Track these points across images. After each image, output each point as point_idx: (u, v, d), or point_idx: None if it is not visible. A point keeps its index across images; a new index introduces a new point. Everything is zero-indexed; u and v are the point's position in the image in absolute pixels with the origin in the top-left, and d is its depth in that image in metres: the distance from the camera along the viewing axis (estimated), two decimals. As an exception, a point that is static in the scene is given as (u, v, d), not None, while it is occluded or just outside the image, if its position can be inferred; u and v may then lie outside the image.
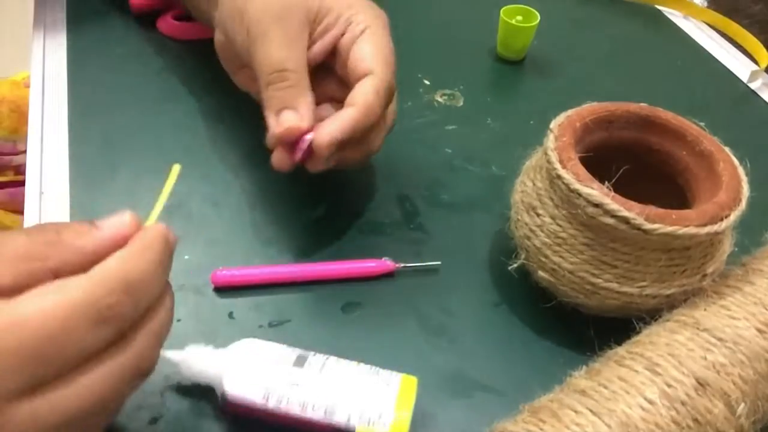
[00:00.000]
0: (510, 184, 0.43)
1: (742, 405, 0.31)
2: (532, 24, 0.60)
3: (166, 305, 0.28)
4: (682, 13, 0.74)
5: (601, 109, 0.40)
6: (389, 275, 0.43)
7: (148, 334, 0.27)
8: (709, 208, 0.35)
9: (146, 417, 0.34)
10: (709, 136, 0.39)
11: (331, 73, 0.42)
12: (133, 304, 0.26)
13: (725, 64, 0.66)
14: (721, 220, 0.35)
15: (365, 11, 0.41)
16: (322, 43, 0.40)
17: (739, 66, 0.66)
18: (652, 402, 0.30)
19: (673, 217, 0.34)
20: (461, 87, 0.59)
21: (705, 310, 0.35)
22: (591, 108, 0.40)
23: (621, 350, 0.34)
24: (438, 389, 0.37)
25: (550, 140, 0.38)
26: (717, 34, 0.71)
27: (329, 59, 0.42)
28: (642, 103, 0.41)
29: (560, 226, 0.37)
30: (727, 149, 0.39)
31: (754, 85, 0.63)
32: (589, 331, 0.37)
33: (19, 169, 0.98)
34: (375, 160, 0.51)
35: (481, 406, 0.36)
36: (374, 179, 0.50)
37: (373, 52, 0.40)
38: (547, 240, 0.38)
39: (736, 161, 0.38)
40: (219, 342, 0.38)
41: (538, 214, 0.38)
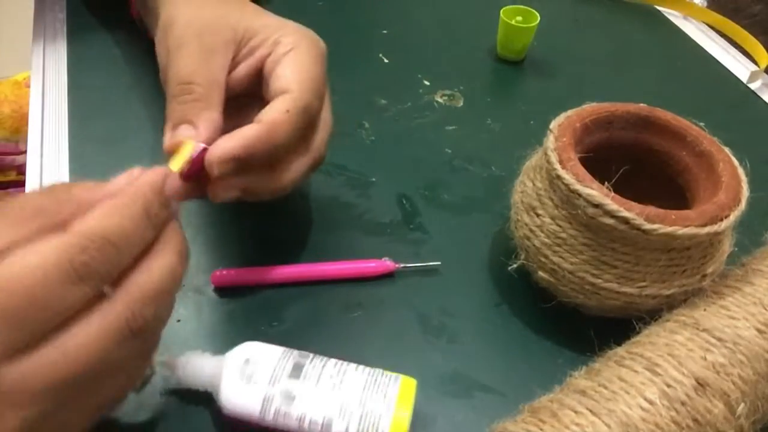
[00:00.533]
0: (510, 185, 0.43)
1: (742, 405, 0.31)
2: (532, 24, 0.61)
3: (162, 260, 0.28)
4: (682, 14, 0.74)
5: (601, 109, 0.40)
6: (389, 275, 0.43)
7: (137, 290, 0.26)
8: (709, 209, 0.35)
9: (144, 421, 0.34)
10: (709, 137, 0.39)
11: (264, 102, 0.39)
12: (111, 260, 0.25)
13: (725, 64, 0.66)
14: (721, 220, 0.35)
15: (294, 33, 0.39)
16: (247, 65, 0.39)
17: (739, 66, 0.66)
18: (651, 402, 0.30)
19: (673, 217, 0.34)
20: (461, 87, 0.59)
21: (705, 310, 0.35)
22: (591, 108, 0.40)
23: (621, 350, 0.34)
24: (438, 389, 0.37)
25: (550, 141, 0.38)
26: (717, 34, 0.71)
27: (258, 86, 0.39)
28: (642, 104, 0.41)
29: (560, 226, 0.37)
30: (727, 149, 0.39)
31: (753, 86, 0.63)
32: (589, 331, 0.37)
33: (22, 169, 0.99)
34: (375, 160, 0.51)
35: (481, 406, 0.36)
36: (374, 179, 0.50)
37: (293, 72, 0.37)
38: (546, 240, 0.38)
39: (735, 161, 0.38)
40: (219, 343, 0.38)
41: (538, 215, 0.38)
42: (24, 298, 0.24)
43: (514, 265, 0.40)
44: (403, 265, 0.43)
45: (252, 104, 0.39)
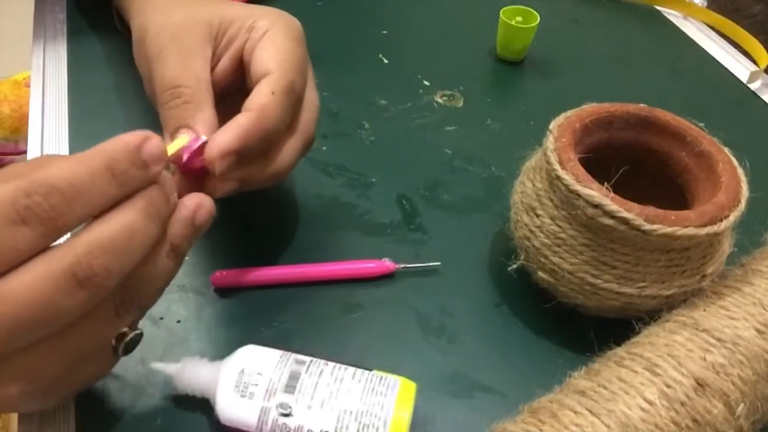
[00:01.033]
0: (509, 185, 0.43)
1: (742, 405, 0.31)
2: (532, 25, 0.61)
3: (122, 215, 0.27)
4: (682, 14, 0.74)
5: (601, 109, 0.40)
6: (389, 276, 0.43)
7: (85, 238, 0.26)
8: (709, 209, 0.35)
9: (144, 421, 0.34)
10: (709, 137, 0.39)
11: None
12: (57, 207, 0.25)
13: (725, 64, 0.66)
14: (721, 220, 0.35)
15: (267, 16, 0.39)
16: (228, 58, 0.38)
17: (739, 67, 0.66)
18: (651, 402, 0.30)
19: (673, 217, 0.34)
20: (461, 88, 0.59)
21: (704, 310, 0.35)
22: (591, 109, 0.40)
23: (620, 351, 0.34)
24: (438, 389, 0.37)
25: (550, 141, 0.38)
26: (717, 34, 0.71)
27: (244, 79, 0.39)
28: (641, 104, 0.41)
29: (560, 226, 0.37)
30: (727, 150, 0.39)
31: (753, 86, 0.63)
32: (589, 331, 0.37)
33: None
34: (375, 161, 0.51)
35: (481, 406, 0.37)
36: (374, 179, 0.50)
37: (271, 53, 0.37)
38: (546, 241, 0.38)
39: (735, 162, 0.38)
40: (219, 344, 0.38)
41: (538, 215, 0.38)
42: None
43: (514, 266, 0.40)
44: (403, 266, 0.43)
45: (242, 100, 0.38)
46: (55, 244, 0.26)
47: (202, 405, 0.34)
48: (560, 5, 0.73)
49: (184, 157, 0.33)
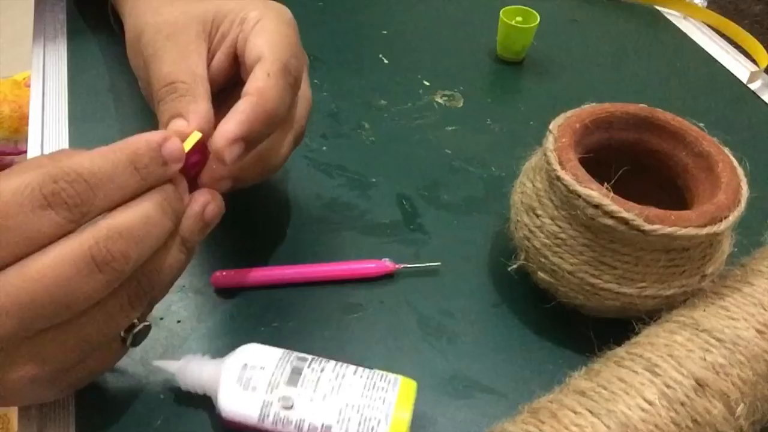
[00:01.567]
0: (509, 185, 0.43)
1: (741, 406, 0.31)
2: (532, 25, 0.61)
3: (139, 205, 0.29)
4: (682, 14, 0.74)
5: (601, 110, 0.40)
6: (389, 276, 0.43)
7: (104, 224, 0.27)
8: (709, 209, 0.35)
9: (144, 421, 0.34)
10: (709, 137, 0.39)
11: None
12: (82, 195, 0.27)
13: (725, 64, 0.66)
14: (721, 220, 0.35)
15: (258, 7, 0.38)
16: (222, 52, 0.38)
17: (739, 66, 0.66)
18: (651, 403, 0.30)
19: (673, 218, 0.34)
20: (461, 88, 0.60)
21: (704, 310, 0.35)
22: (590, 109, 0.40)
23: (620, 351, 0.34)
24: (438, 390, 0.37)
25: (550, 141, 0.38)
26: (717, 34, 0.71)
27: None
28: (641, 104, 0.41)
29: (560, 227, 0.37)
30: (727, 150, 0.39)
31: (753, 86, 0.63)
32: (589, 331, 0.37)
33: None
34: (375, 161, 0.51)
35: (481, 406, 0.37)
36: (374, 180, 0.50)
37: (263, 39, 0.36)
38: (546, 241, 0.38)
39: (735, 162, 0.38)
40: (219, 344, 0.38)
41: (538, 215, 0.38)
42: None
43: (514, 266, 0.40)
44: (403, 266, 0.43)
45: (239, 94, 0.38)
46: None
47: (202, 404, 0.35)
48: (560, 5, 0.73)
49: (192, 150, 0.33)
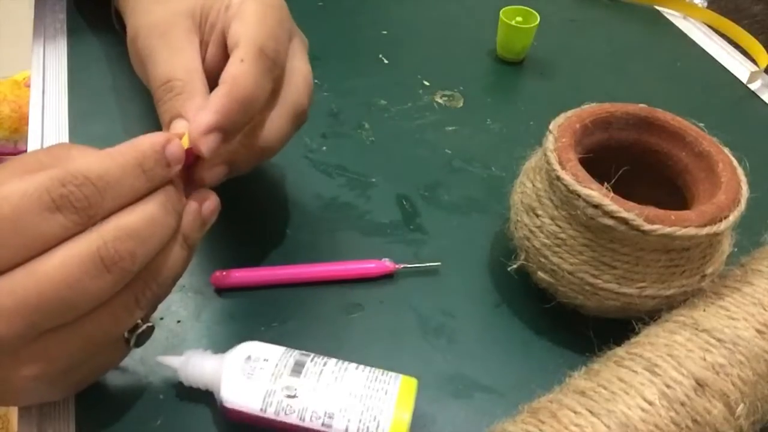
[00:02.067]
0: (509, 185, 0.43)
1: (741, 405, 0.31)
2: (532, 25, 0.61)
3: (144, 206, 0.29)
4: (682, 14, 0.74)
5: (601, 110, 0.40)
6: (389, 276, 0.43)
7: (112, 224, 0.28)
8: (709, 209, 0.35)
9: (145, 420, 0.34)
10: (709, 137, 0.39)
11: None
12: (90, 198, 0.27)
13: (725, 64, 0.66)
14: (721, 220, 0.35)
15: None
16: (213, 42, 0.38)
17: (739, 66, 0.66)
18: (651, 403, 0.30)
19: (673, 218, 0.34)
20: (461, 88, 0.59)
21: (704, 310, 0.35)
22: (590, 109, 0.40)
23: (620, 351, 0.34)
24: (438, 390, 0.37)
25: (550, 141, 0.38)
26: (717, 34, 0.71)
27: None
28: (641, 104, 0.41)
29: (560, 227, 0.37)
30: (727, 150, 0.39)
31: (753, 86, 0.63)
32: (589, 331, 0.37)
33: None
34: (375, 161, 0.51)
35: (481, 406, 0.37)
36: (374, 180, 0.50)
37: (241, 24, 0.36)
38: (546, 241, 0.38)
39: (735, 162, 0.38)
40: (219, 343, 0.38)
41: (538, 215, 0.38)
42: None
43: (514, 266, 0.40)
44: (403, 266, 0.43)
45: None
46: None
47: (203, 403, 0.35)
48: (560, 5, 0.73)
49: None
